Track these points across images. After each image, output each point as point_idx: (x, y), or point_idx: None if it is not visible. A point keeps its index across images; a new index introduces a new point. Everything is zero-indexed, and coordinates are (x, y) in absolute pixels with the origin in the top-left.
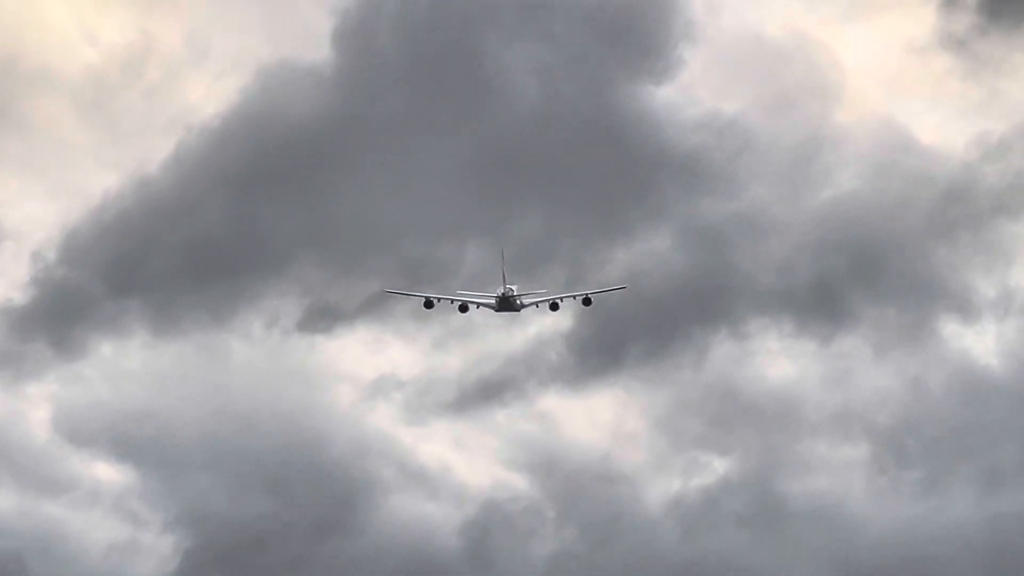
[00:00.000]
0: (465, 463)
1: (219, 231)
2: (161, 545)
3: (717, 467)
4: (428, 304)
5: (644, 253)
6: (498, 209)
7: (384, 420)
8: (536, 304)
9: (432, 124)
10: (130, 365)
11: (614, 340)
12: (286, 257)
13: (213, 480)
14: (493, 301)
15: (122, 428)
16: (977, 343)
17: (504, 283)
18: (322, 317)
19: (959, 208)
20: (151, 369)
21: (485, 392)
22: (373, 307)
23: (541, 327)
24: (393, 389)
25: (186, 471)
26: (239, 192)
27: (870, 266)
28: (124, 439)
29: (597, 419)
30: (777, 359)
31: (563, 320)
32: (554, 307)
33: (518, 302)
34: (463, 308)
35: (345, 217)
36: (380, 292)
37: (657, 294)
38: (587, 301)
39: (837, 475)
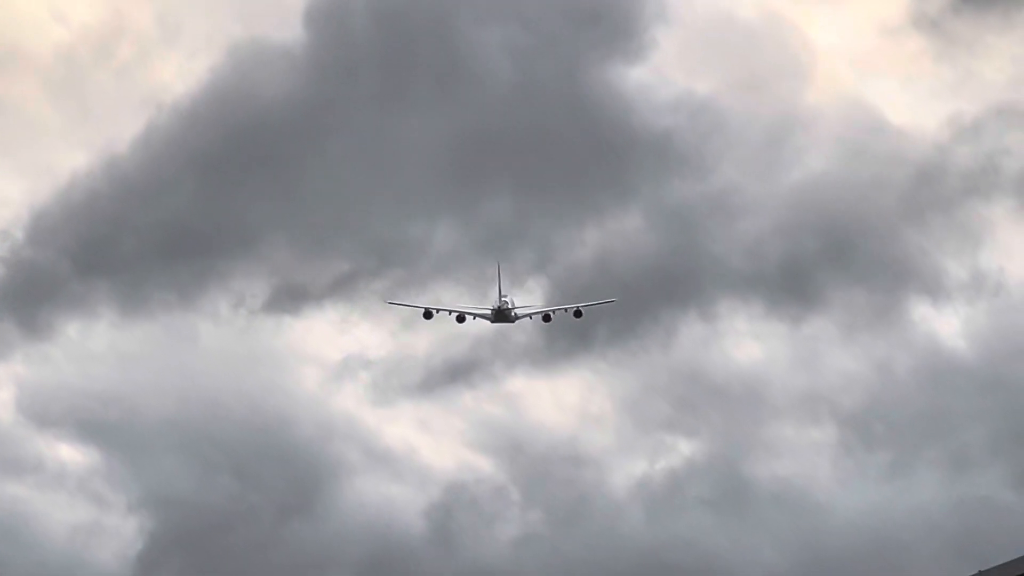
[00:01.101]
0: (431, 445)
1: (188, 211)
2: (125, 527)
3: (683, 449)
4: (427, 315)
5: (614, 234)
6: (469, 190)
7: (350, 401)
8: (530, 316)
9: (404, 104)
10: (96, 346)
11: (583, 321)
12: (255, 237)
13: (178, 462)
14: (489, 312)
15: (87, 409)
16: (946, 326)
17: (500, 295)
18: (290, 298)
19: (931, 190)
20: (117, 350)
21: (452, 374)
22: (341, 288)
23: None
24: (360, 370)
25: (151, 453)
26: (209, 172)
27: (840, 248)
28: (89, 420)
29: (564, 401)
30: (746, 341)
31: (531, 300)
32: (546, 319)
33: (513, 313)
34: (460, 319)
35: (315, 197)
36: (381, 302)
37: (627, 275)
38: (578, 313)
39: (804, 458)
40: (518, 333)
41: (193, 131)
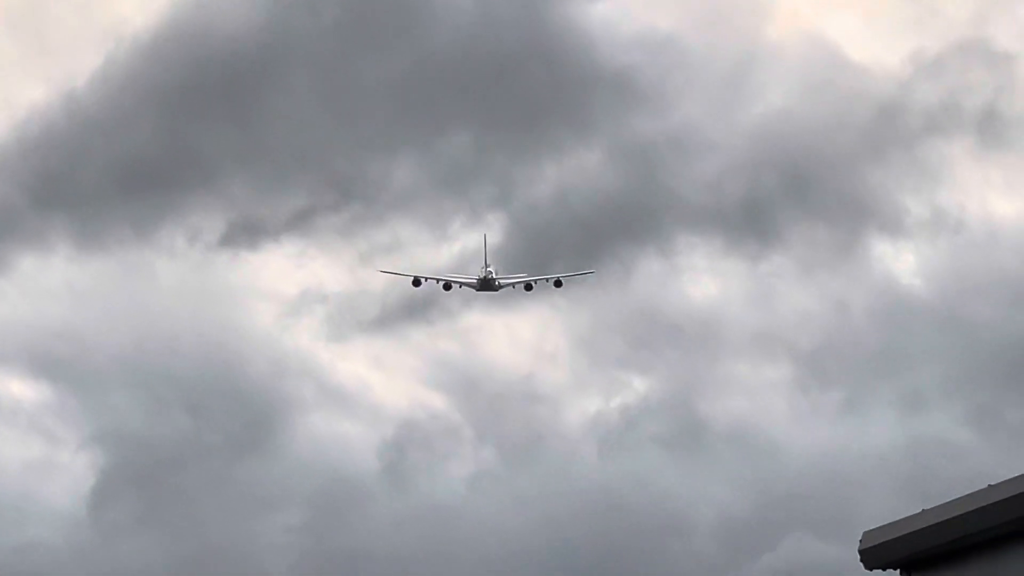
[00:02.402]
0: (385, 381)
1: (147, 146)
2: (77, 463)
3: (638, 387)
4: (416, 283)
5: (574, 170)
6: (429, 125)
7: (305, 337)
8: (513, 285)
9: (364, 39)
10: (51, 281)
11: (541, 258)
12: (213, 172)
13: (131, 398)
14: (475, 281)
15: (40, 345)
16: (905, 264)
17: (485, 266)
18: (246, 232)
19: (891, 127)
20: (72, 285)
21: (408, 310)
22: (299, 223)
23: (467, 242)
24: (315, 305)
25: (104, 389)
26: (168, 106)
27: (801, 185)
28: (42, 356)
29: (519, 338)
30: (704, 278)
31: (491, 236)
32: (528, 287)
33: (496, 283)
34: (447, 287)
35: (274, 132)
36: (375, 271)
37: (586, 212)
38: (558, 283)
39: (758, 396)
40: (475, 267)
41: (152, 65)
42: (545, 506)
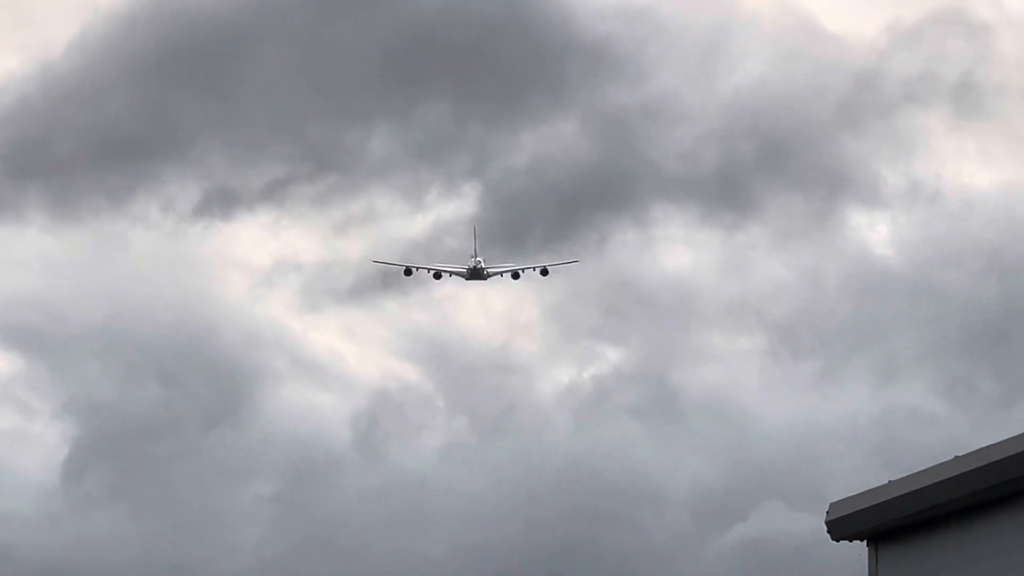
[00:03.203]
0: (358, 352)
1: (122, 115)
2: (50, 434)
3: (611, 357)
4: (408, 272)
5: (550, 139)
6: (405, 95)
7: (279, 307)
8: (500, 274)
9: (340, 9)
10: (24, 252)
11: (516, 227)
12: (189, 142)
13: (104, 368)
14: (464, 271)
15: (13, 315)
16: (881, 233)
17: (475, 256)
18: (221, 202)
19: (868, 96)
20: (45, 255)
21: (383, 280)
22: (274, 192)
23: (443, 212)
24: (289, 276)
25: (77, 359)
26: (143, 76)
27: (777, 154)
28: (15, 326)
29: (492, 308)
30: (679, 248)
31: (466, 206)
32: (515, 276)
33: (485, 272)
34: (437, 276)
35: (250, 101)
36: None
37: (561, 181)
38: (544, 271)
39: (732, 366)
40: (451, 237)
41: (129, 35)
42: (518, 476)
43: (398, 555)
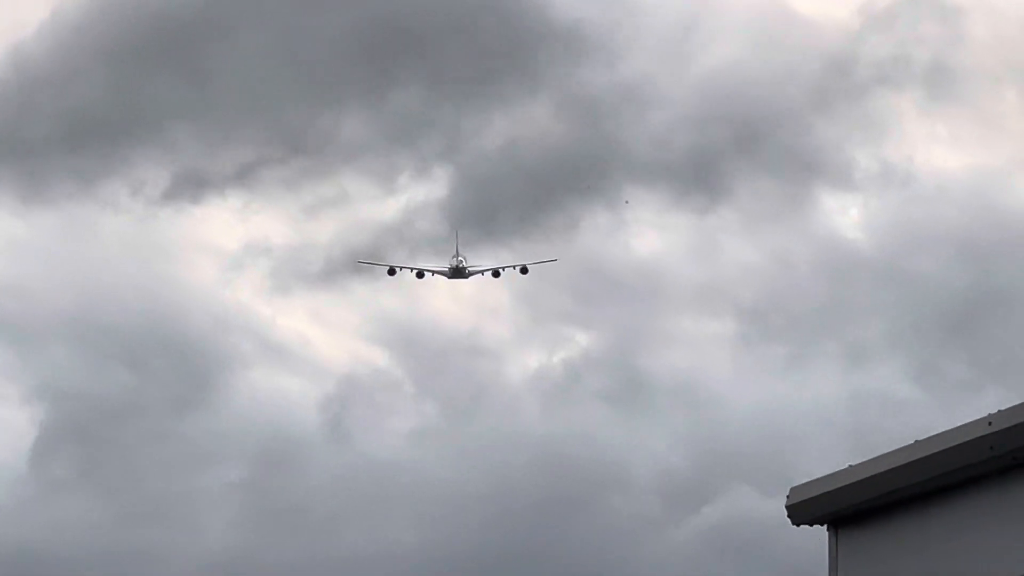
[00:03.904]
0: (327, 337)
1: (93, 99)
2: (18, 419)
3: (581, 341)
4: (391, 272)
5: (522, 122)
6: (377, 78)
7: (248, 291)
8: (482, 273)
9: None
10: None
11: (488, 210)
12: (160, 126)
13: (73, 353)
14: (447, 270)
15: None
16: (853, 217)
17: (456, 256)
18: (191, 186)
19: (841, 79)
20: (15, 240)
21: (353, 264)
22: (245, 176)
23: (414, 195)
24: (259, 260)
25: (45, 344)
26: (115, 59)
27: (750, 138)
28: None
29: (461, 292)
30: (651, 232)
31: (438, 189)
32: (496, 274)
33: (467, 271)
34: (420, 275)
35: (222, 85)
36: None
37: (534, 164)
38: (524, 270)
39: (702, 350)
40: (422, 221)
41: (100, 18)
42: (487, 460)
43: (367, 539)
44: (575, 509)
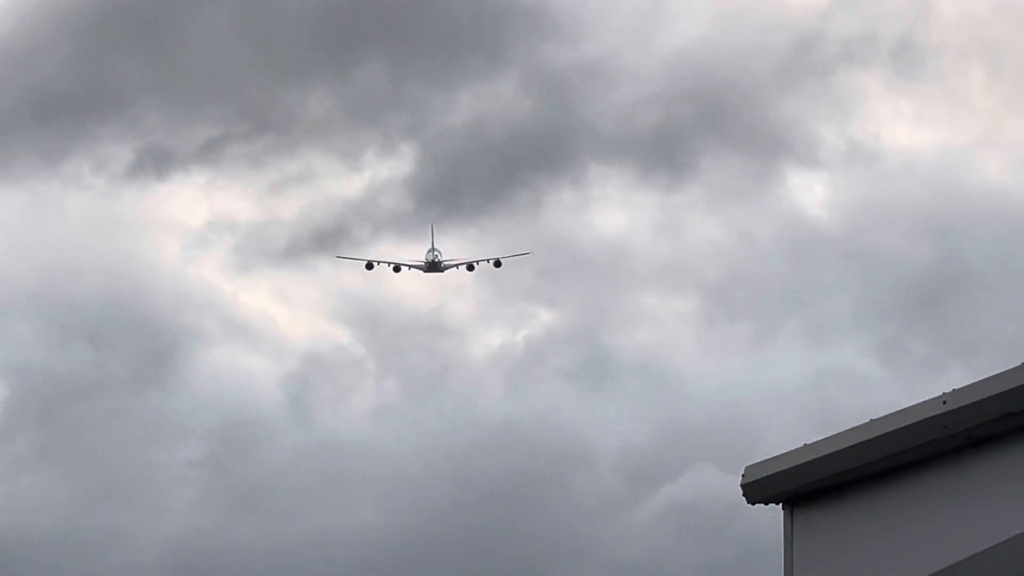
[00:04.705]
0: (289, 314)
1: (58, 75)
2: None
3: (544, 318)
4: (369, 266)
5: (488, 98)
6: (342, 54)
7: (211, 269)
8: (456, 266)
9: None
10: None
11: (453, 187)
12: (126, 102)
13: (34, 330)
14: (423, 264)
15: None
16: (818, 195)
17: (432, 250)
18: (155, 162)
19: (808, 57)
20: None
21: (319, 240)
22: (209, 152)
23: (379, 172)
24: (223, 237)
25: (6, 320)
26: (80, 34)
27: (716, 115)
28: None
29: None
30: (615, 209)
31: (403, 165)
32: (470, 268)
33: (442, 265)
34: (397, 269)
35: (187, 61)
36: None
37: (499, 141)
38: (497, 263)
39: (666, 328)
40: (387, 197)
41: None
42: (449, 439)
43: (330, 517)
44: (537, 487)
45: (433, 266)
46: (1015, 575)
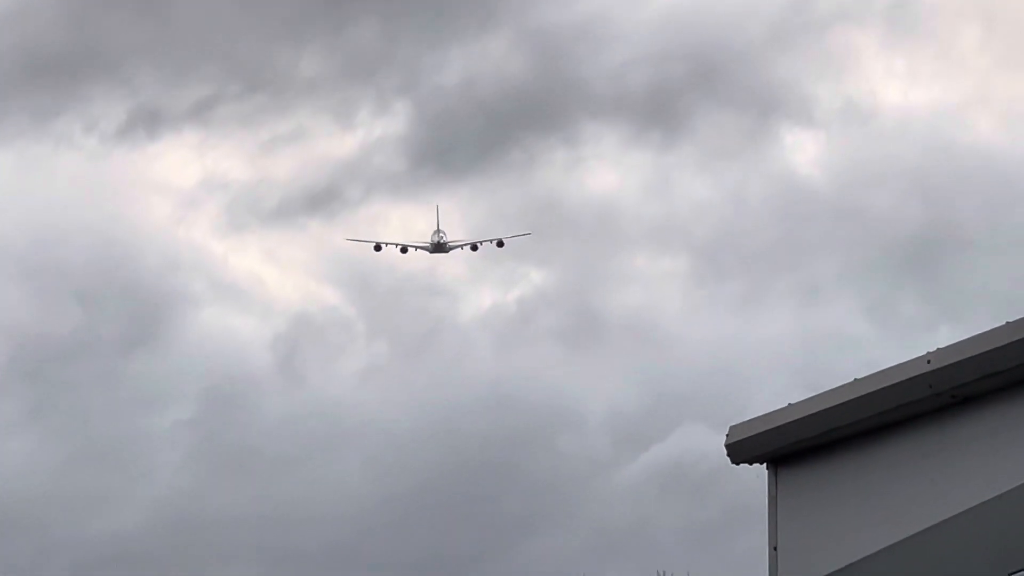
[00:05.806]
0: (279, 275)
1: (48, 35)
2: None
3: (535, 279)
4: (377, 248)
5: (480, 58)
6: (335, 13)
7: (201, 230)
8: (461, 247)
9: None
10: None
11: (446, 146)
12: (116, 61)
13: (22, 292)
14: (429, 245)
15: None
16: (813, 154)
17: (438, 231)
18: (146, 122)
19: (802, 14)
20: None
21: (310, 202)
22: (201, 112)
23: (372, 131)
24: (214, 197)
25: None
26: None
27: (710, 74)
28: None
29: (414, 229)
30: (608, 168)
31: (396, 124)
32: (474, 248)
33: (447, 246)
34: (404, 250)
35: (179, 20)
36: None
37: (492, 100)
38: (500, 243)
39: (655, 288)
40: (380, 156)
41: None
42: (439, 400)
43: (318, 479)
44: (526, 448)
45: (439, 247)
46: (999, 533)
